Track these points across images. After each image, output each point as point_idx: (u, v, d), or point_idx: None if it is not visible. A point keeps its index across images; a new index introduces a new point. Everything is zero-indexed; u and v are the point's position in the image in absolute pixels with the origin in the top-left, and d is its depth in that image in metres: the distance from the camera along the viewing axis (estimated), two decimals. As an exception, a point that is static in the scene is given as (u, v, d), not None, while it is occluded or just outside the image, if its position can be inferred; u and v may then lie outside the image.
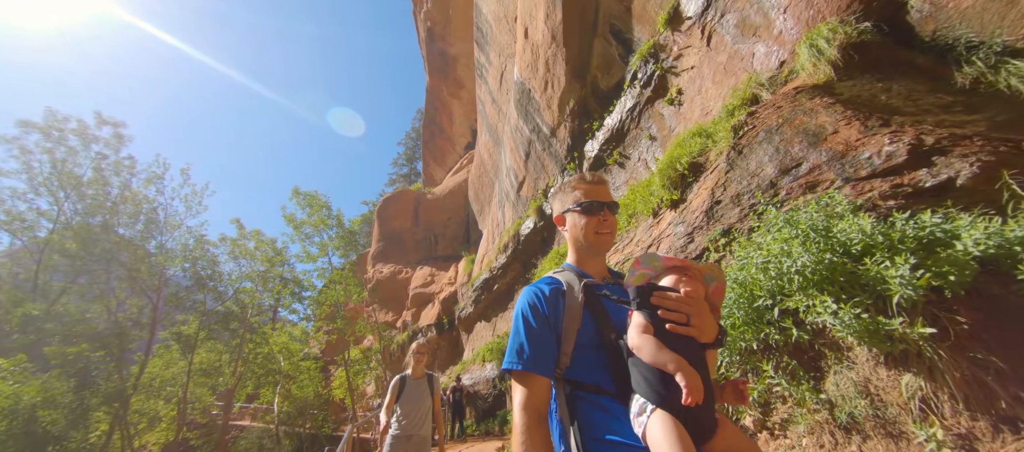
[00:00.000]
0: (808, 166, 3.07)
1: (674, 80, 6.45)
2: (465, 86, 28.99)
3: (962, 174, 2.39)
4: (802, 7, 4.39)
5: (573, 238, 1.25)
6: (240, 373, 13.35)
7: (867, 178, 2.72)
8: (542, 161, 10.35)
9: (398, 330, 23.62)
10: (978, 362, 1.66)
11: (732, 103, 4.84)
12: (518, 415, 0.97)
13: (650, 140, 7.05)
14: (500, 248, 13.00)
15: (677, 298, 0.98)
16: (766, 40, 4.85)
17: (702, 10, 5.69)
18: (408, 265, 25.78)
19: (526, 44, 9.37)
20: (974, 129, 2.64)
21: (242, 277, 14.61)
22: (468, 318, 17.06)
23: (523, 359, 1.01)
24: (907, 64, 3.66)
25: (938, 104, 3.07)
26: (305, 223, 15.63)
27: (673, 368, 0.88)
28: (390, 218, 27.25)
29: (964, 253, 1.87)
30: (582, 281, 1.14)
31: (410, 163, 50.67)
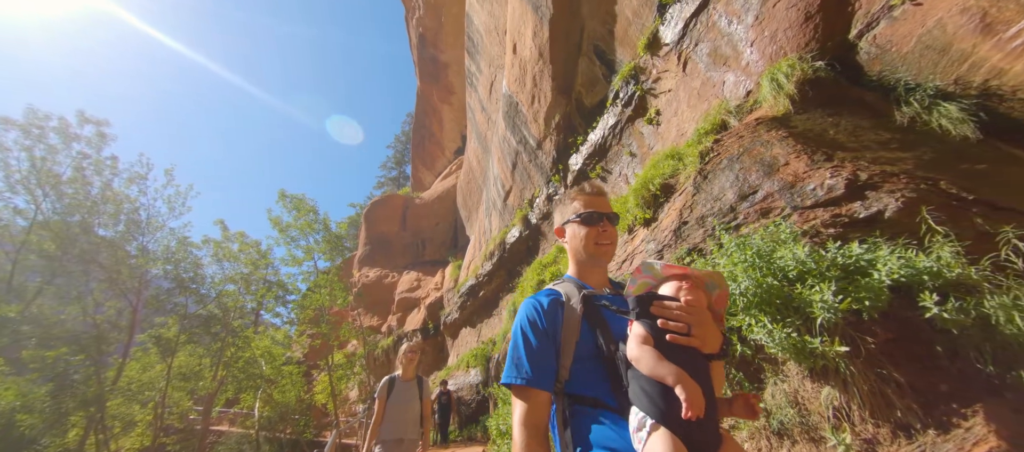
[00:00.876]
0: (763, 194, 3.37)
1: (653, 101, 6.79)
2: (455, 92, 29.22)
3: (889, 208, 2.70)
4: (766, 42, 4.74)
5: (573, 249, 1.24)
6: (222, 378, 13.19)
7: (812, 207, 3.02)
8: (528, 172, 10.61)
9: (383, 335, 23.51)
10: (883, 377, 1.94)
11: (703, 127, 5.17)
12: (517, 431, 0.95)
13: (630, 156, 7.36)
14: (486, 255, 13.19)
15: (678, 307, 0.95)
16: (735, 70, 5.20)
17: (679, 38, 6.03)
18: (395, 269, 25.73)
19: (515, 59, 9.65)
20: (902, 167, 2.97)
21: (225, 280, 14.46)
22: (453, 324, 17.16)
23: (522, 373, 1.00)
24: (856, 100, 4.02)
25: (877, 140, 3.41)
26: (291, 226, 15.57)
27: (672, 380, 0.85)
28: (378, 222, 27.19)
29: (879, 281, 2.15)
30: (581, 292, 1.12)
31: (399, 167, 50.55)
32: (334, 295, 15.58)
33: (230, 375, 13.39)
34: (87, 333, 11.55)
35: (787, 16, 4.50)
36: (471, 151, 19.57)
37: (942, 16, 3.43)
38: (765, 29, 4.75)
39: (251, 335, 14.82)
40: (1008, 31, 3.12)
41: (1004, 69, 3.23)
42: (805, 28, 4.38)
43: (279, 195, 15.86)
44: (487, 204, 15.00)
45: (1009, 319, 1.92)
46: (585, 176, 8.49)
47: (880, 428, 1.87)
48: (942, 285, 2.17)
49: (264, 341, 15.89)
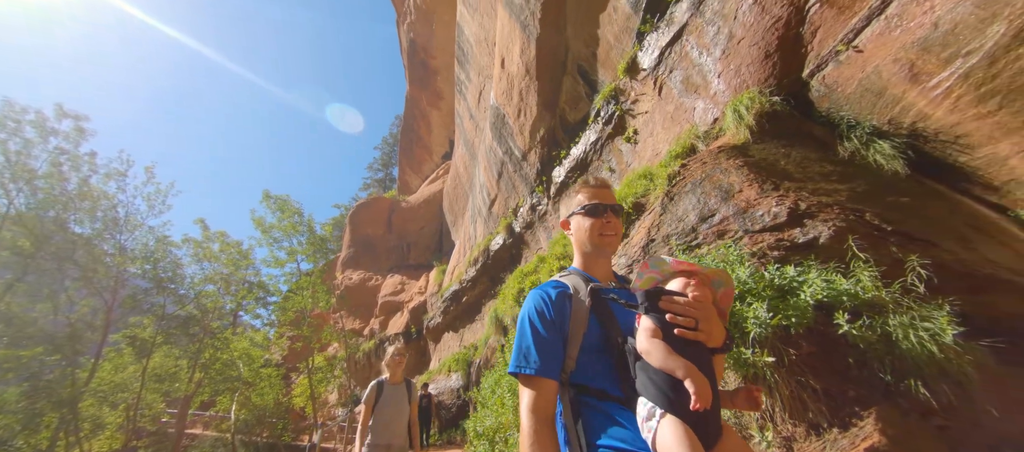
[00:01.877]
0: (720, 217, 3.72)
1: (631, 121, 7.17)
2: (445, 97, 29.41)
3: (823, 235, 3.07)
4: (731, 74, 5.15)
5: (578, 241, 1.26)
6: (200, 380, 12.96)
7: (760, 231, 3.38)
8: (513, 182, 10.90)
9: (365, 338, 23.36)
10: (801, 383, 2.27)
11: (674, 150, 5.56)
12: (526, 418, 0.97)
13: (610, 172, 7.73)
14: (470, 262, 13.40)
15: (685, 302, 0.98)
16: (704, 98, 5.60)
17: (655, 64, 6.43)
18: (379, 272, 25.63)
19: (502, 73, 9.97)
20: (837, 198, 3.35)
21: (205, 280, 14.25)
22: (436, 328, 17.25)
23: (530, 363, 1.01)
24: (806, 134, 4.44)
25: (821, 172, 3.81)
26: (274, 227, 15.47)
27: (682, 373, 0.87)
28: (363, 224, 27.06)
29: (805, 301, 2.49)
30: (589, 285, 1.14)
31: (386, 168, 50.28)
32: (317, 297, 15.51)
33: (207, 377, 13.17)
34: (60, 332, 11.23)
35: (749, 53, 4.92)
36: (458, 157, 19.80)
37: (879, 63, 3.87)
38: (731, 63, 5.16)
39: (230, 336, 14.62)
40: (931, 81, 3.56)
41: (928, 114, 3.67)
42: (765, 65, 4.79)
43: (263, 196, 15.77)
44: (473, 211, 15.23)
45: (906, 336, 2.28)
46: (567, 188, 8.82)
47: (797, 427, 2.19)
48: (858, 305, 2.53)
49: (243, 343, 15.67)
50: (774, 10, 4.68)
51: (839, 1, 4.24)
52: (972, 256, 2.83)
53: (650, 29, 6.52)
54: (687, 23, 5.82)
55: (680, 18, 5.93)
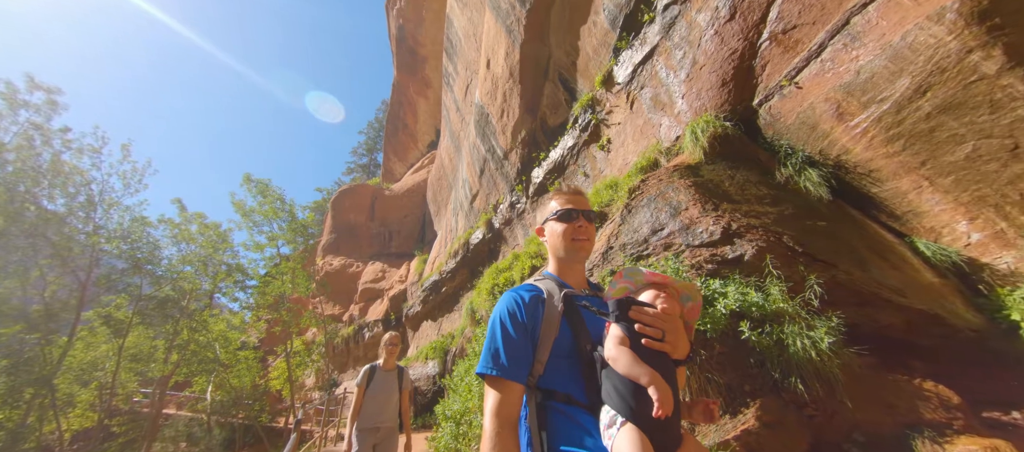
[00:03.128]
0: (668, 231, 4.19)
1: (606, 130, 7.61)
2: (432, 86, 29.30)
3: (747, 253, 3.56)
4: (693, 97, 5.62)
5: (552, 246, 1.26)
6: (178, 361, 12.96)
7: (699, 247, 3.86)
8: (494, 179, 11.26)
9: (344, 324, 23.51)
10: (708, 378, 2.76)
11: (639, 163, 6.02)
12: (489, 420, 0.97)
13: (584, 177, 8.17)
14: (450, 253, 13.74)
15: (654, 314, 0.99)
16: (669, 116, 6.07)
17: (628, 79, 6.86)
18: (360, 259, 25.68)
19: (487, 74, 10.24)
20: (764, 220, 3.86)
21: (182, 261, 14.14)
22: (415, 316, 17.60)
23: (498, 365, 1.01)
24: (752, 157, 4.95)
25: (757, 195, 4.32)
26: (255, 212, 15.41)
27: (646, 381, 0.89)
28: (345, 211, 26.95)
29: (720, 311, 2.97)
30: (562, 290, 1.14)
31: (370, 154, 49.70)
32: (296, 282, 15.60)
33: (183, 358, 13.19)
34: (33, 309, 11.06)
35: (709, 78, 5.39)
36: (444, 148, 19.95)
37: (813, 100, 4.38)
38: (693, 86, 5.63)
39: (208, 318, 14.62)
40: (853, 121, 4.09)
41: (850, 149, 4.21)
42: (722, 91, 5.27)
43: (244, 179, 15.66)
44: (455, 204, 15.52)
45: (794, 342, 2.78)
46: (545, 189, 9.24)
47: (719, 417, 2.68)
48: (765, 315, 3.03)
49: (219, 325, 15.67)
50: (732, 42, 5.14)
51: (785, 40, 4.73)
52: (863, 277, 3.37)
53: (626, 46, 6.93)
54: (658, 44, 6.25)
55: (652, 39, 6.35)
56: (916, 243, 3.89)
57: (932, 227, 3.79)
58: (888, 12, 3.81)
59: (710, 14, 5.40)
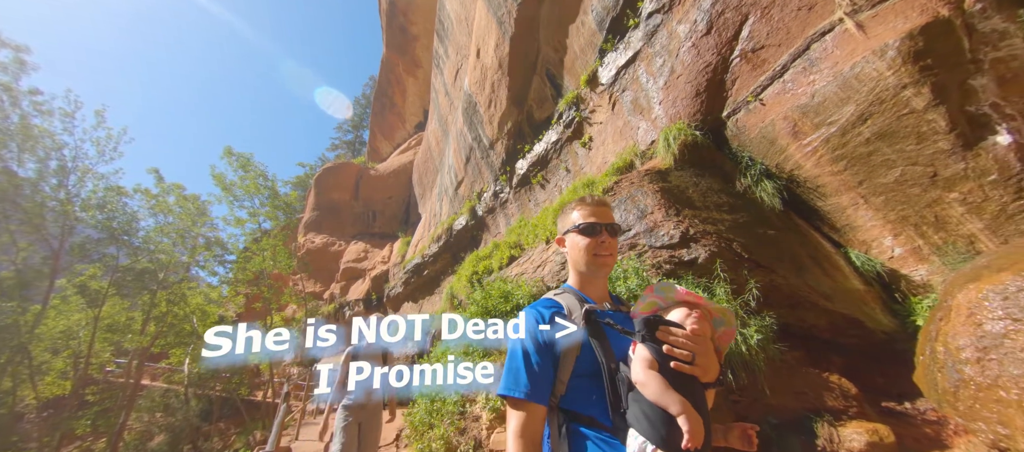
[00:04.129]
0: (634, 232, 4.55)
1: (588, 128, 7.89)
2: (422, 66, 28.85)
3: (701, 257, 3.95)
4: (669, 104, 5.94)
5: (573, 259, 1.22)
6: (157, 332, 12.90)
7: (660, 248, 4.24)
8: (480, 168, 11.46)
9: (325, 302, 23.56)
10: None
11: (616, 164, 6.35)
12: (513, 442, 0.96)
13: (566, 172, 8.48)
14: (434, 238, 13.96)
15: (684, 335, 0.96)
16: (647, 120, 6.39)
17: (612, 81, 7.12)
18: (342, 238, 25.59)
19: (477, 63, 10.33)
20: (719, 227, 4.25)
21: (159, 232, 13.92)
22: (397, 297, 17.84)
23: (520, 386, 0.99)
24: (718, 165, 5.33)
25: (717, 203, 4.71)
26: (235, 186, 15.21)
27: (677, 409, 0.87)
28: (329, 189, 26.66)
29: (669, 307, 3.35)
30: (583, 306, 1.11)
31: (356, 130, 48.77)
32: (277, 259, 15.57)
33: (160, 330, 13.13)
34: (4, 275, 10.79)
35: (685, 88, 5.71)
36: (431, 132, 19.91)
37: (774, 117, 4.75)
38: (670, 93, 5.94)
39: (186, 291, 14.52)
40: (806, 139, 4.48)
41: (802, 164, 4.62)
42: (695, 101, 5.60)
43: (225, 152, 15.37)
44: (440, 188, 15.65)
45: (730, 337, 3.19)
46: (528, 181, 9.52)
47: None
48: (709, 313, 3.43)
49: (197, 298, 15.57)
50: (707, 56, 5.46)
51: (754, 59, 5.06)
52: (798, 282, 3.81)
53: (611, 48, 7.17)
54: (640, 50, 6.51)
55: (635, 44, 6.61)
56: (850, 253, 4.36)
57: (864, 240, 4.25)
58: (842, 42, 4.17)
59: (689, 26, 5.68)
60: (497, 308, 4.79)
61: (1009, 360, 1.73)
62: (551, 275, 5.32)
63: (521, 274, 6.11)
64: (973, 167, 3.39)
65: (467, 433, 4.26)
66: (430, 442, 4.25)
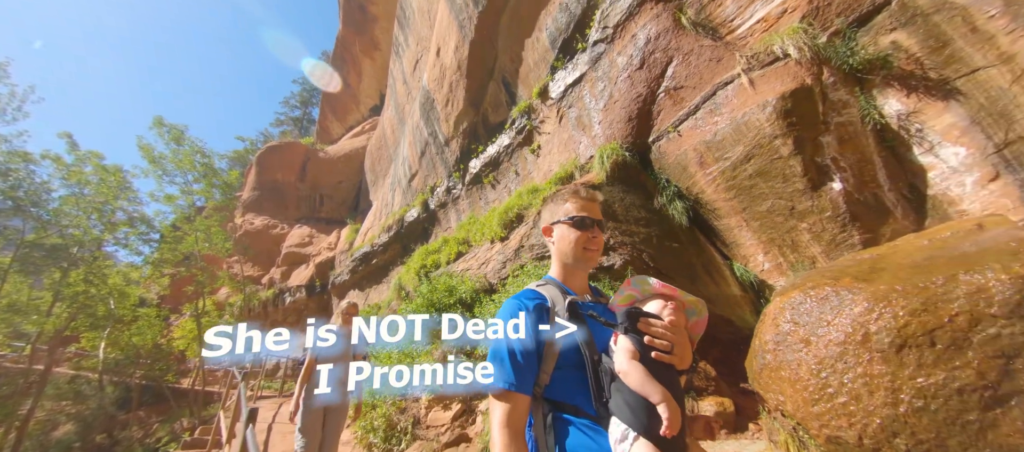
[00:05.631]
0: (566, 238, 5.22)
1: (537, 137, 8.52)
2: (381, 49, 28.04)
3: (616, 264, 4.70)
4: (606, 125, 6.69)
5: (560, 251, 1.22)
6: (70, 314, 11.71)
7: (585, 254, 4.94)
8: (434, 163, 11.73)
9: (263, 286, 22.48)
10: (568, 353, 3.80)
11: (558, 174, 7.02)
12: (498, 433, 0.98)
13: (515, 175, 9.06)
14: (384, 227, 14.00)
15: (663, 326, 1.00)
16: (588, 137, 7.11)
17: (560, 96, 7.78)
18: (285, 221, 24.44)
19: (437, 61, 10.57)
20: (634, 239, 5.04)
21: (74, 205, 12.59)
22: (342, 285, 17.57)
23: (505, 378, 1.01)
24: (642, 184, 6.16)
25: (636, 217, 5.52)
26: (167, 159, 14.12)
27: (658, 399, 0.90)
28: (272, 168, 25.25)
29: (585, 305, 4.02)
30: (566, 298, 1.12)
31: (305, 107, 46.08)
32: (212, 240, 14.73)
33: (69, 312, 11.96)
34: None
35: (620, 113, 6.47)
36: (387, 119, 19.64)
37: (686, 147, 5.61)
38: (607, 116, 6.69)
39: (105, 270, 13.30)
40: (708, 169, 5.38)
41: (705, 189, 5.53)
42: (627, 125, 6.38)
43: (154, 122, 14.18)
44: (393, 178, 15.64)
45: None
46: (480, 180, 9.99)
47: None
48: (617, 311, 4.16)
49: (115, 278, 14.32)
50: (638, 87, 6.25)
51: (676, 95, 5.92)
52: (690, 288, 4.68)
53: (561, 66, 7.81)
54: (586, 73, 7.21)
55: (582, 67, 7.29)
56: (734, 266, 5.34)
57: (745, 255, 5.24)
58: (739, 93, 5.09)
59: (627, 59, 6.45)
60: (442, 301, 5.26)
61: (788, 350, 2.52)
62: (493, 272, 5.87)
63: (466, 270, 6.62)
64: (817, 205, 4.40)
65: (407, 412, 4.71)
66: (372, 420, 4.64)
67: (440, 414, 4.50)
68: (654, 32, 6.17)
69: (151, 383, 13.18)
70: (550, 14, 7.89)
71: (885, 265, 2.55)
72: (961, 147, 3.92)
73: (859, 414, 2.04)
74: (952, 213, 3.92)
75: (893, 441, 1.92)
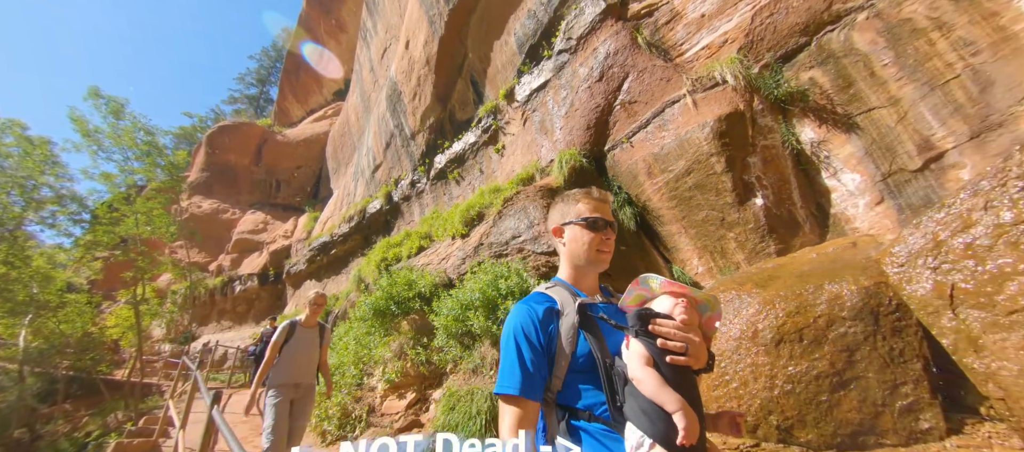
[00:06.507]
0: (523, 238, 5.53)
1: (503, 137, 8.77)
2: (347, 32, 27.08)
3: (568, 263, 5.06)
4: (567, 131, 7.05)
5: (572, 252, 1.21)
6: None
7: (540, 254, 5.27)
8: (399, 155, 11.69)
9: (210, 274, 21.28)
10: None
11: (520, 175, 7.32)
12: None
13: (480, 173, 9.27)
14: (345, 217, 13.75)
15: (675, 326, 0.98)
16: (549, 141, 7.45)
17: (525, 100, 8.06)
18: (238, 206, 23.21)
19: (405, 53, 10.53)
20: (585, 241, 5.43)
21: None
22: (298, 274, 17.05)
23: (515, 384, 0.99)
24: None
25: (589, 221, 5.92)
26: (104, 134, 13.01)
27: (673, 407, 0.89)
28: (225, 149, 23.82)
29: (536, 301, 4.35)
30: (576, 300, 1.11)
31: (262, 85, 43.55)
32: (154, 224, 13.80)
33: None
34: None
35: (579, 121, 6.85)
36: (352, 106, 19.13)
37: (637, 158, 6.08)
38: (568, 122, 7.06)
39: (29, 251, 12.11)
40: (655, 179, 5.86)
41: (651, 197, 6.02)
42: (586, 133, 6.77)
43: (90, 92, 13.02)
44: (357, 168, 15.34)
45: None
46: (445, 176, 10.11)
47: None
48: (565, 307, 4.52)
49: (39, 261, 13.09)
50: (597, 99, 6.65)
51: (630, 109, 6.37)
52: (632, 288, 5.15)
53: (528, 70, 8.09)
54: (550, 80, 7.53)
55: (546, 73, 7.61)
56: (674, 268, 5.88)
57: (683, 259, 5.79)
58: (684, 112, 5.59)
59: (588, 70, 6.83)
60: (401, 295, 5.42)
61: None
62: (453, 268, 6.09)
63: (427, 265, 6.78)
64: (742, 217, 4.97)
65: (363, 401, 4.86)
66: (327, 408, 4.75)
67: (395, 403, 4.69)
68: (613, 48, 6.59)
69: (80, 374, 12.23)
70: (519, 19, 8.14)
71: (780, 274, 3.04)
72: (857, 174, 4.60)
73: (746, 396, 2.48)
74: (847, 230, 4.59)
75: (768, 418, 2.37)
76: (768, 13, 5.29)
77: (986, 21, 3.81)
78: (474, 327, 4.09)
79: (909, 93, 4.21)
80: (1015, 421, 1.73)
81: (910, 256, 1.98)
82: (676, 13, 6.28)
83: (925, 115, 4.12)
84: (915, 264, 1.95)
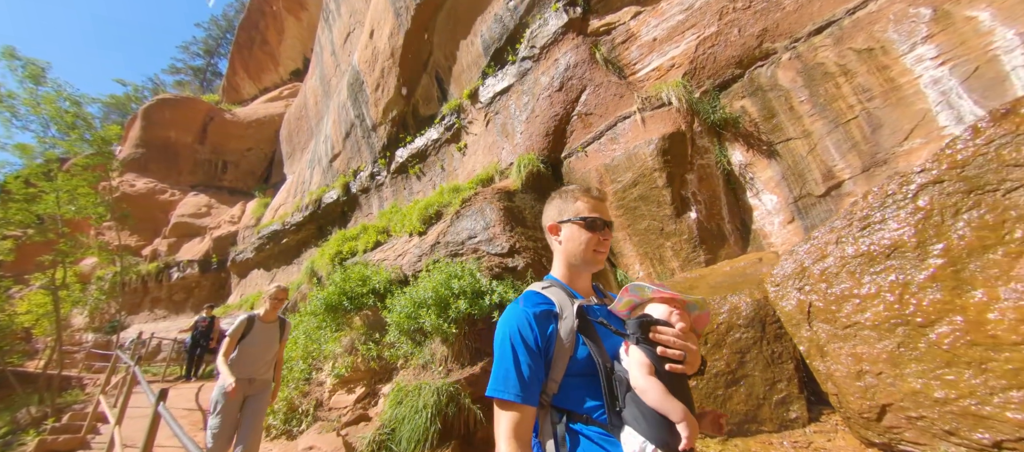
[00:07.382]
0: (478, 239, 5.72)
1: (466, 136, 8.88)
2: (308, 9, 25.80)
3: (520, 265, 5.32)
4: (527, 137, 7.31)
5: (568, 251, 1.19)
6: None
7: (494, 255, 5.49)
8: (359, 146, 11.46)
9: (144, 259, 19.68)
10: (466, 344, 4.32)
11: (480, 175, 7.49)
12: (505, 444, 0.95)
13: (442, 169, 9.34)
14: (299, 206, 13.27)
15: (675, 334, 0.98)
16: (510, 144, 7.68)
17: (489, 102, 8.23)
18: (177, 187, 21.56)
19: (370, 43, 10.32)
20: (537, 244, 5.72)
21: None
22: (245, 263, 16.23)
23: (511, 388, 0.98)
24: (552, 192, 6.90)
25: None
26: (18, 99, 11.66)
27: (677, 417, 0.90)
28: (164, 124, 21.98)
29: (487, 302, 4.56)
30: (574, 302, 1.10)
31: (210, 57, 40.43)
32: (78, 203, 12.60)
33: None
34: None
35: (539, 127, 7.13)
36: (310, 88, 18.33)
37: (591, 167, 6.44)
38: (529, 128, 7.32)
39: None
40: (606, 188, 6.25)
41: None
42: (545, 139, 7.06)
43: (4, 52, 11.63)
44: (313, 156, 14.80)
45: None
46: (405, 170, 10.06)
47: (455, 363, 4.23)
48: (514, 307, 4.78)
49: (-68, 238, 11.55)
50: (556, 108, 6.95)
51: (586, 120, 6.72)
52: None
53: (492, 73, 8.25)
54: (513, 85, 7.75)
55: (510, 78, 7.82)
56: (618, 272, 6.33)
57: (627, 264, 6.25)
58: (634, 128, 6.01)
59: (549, 79, 7.11)
60: (354, 291, 5.44)
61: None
62: (409, 265, 6.18)
63: (383, 260, 6.81)
64: (678, 229, 5.47)
65: (310, 395, 4.87)
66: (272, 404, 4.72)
67: (344, 397, 4.75)
68: (573, 61, 6.91)
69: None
70: (486, 22, 8.27)
71: (699, 284, 3.46)
72: (775, 195, 5.21)
73: (660, 391, 2.87)
74: (765, 244, 5.20)
75: (677, 409, 2.76)
76: (710, 44, 5.80)
77: (880, 72, 4.47)
78: (426, 325, 4.25)
79: (819, 128, 4.84)
80: (844, 411, 2.19)
81: (784, 278, 2.41)
82: (631, 34, 6.70)
83: (830, 148, 4.75)
84: (786, 285, 2.38)
